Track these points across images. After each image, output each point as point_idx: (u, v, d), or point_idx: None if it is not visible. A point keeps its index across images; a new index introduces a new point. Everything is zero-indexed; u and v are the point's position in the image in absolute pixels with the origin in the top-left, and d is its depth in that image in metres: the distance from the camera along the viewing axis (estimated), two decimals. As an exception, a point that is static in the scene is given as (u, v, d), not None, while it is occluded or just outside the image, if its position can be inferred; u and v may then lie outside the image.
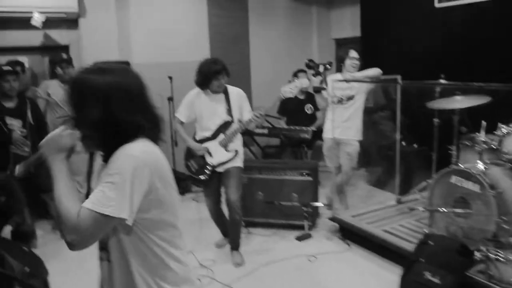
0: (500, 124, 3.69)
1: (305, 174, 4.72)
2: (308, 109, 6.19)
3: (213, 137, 4.09)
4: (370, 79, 4.73)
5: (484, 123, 3.75)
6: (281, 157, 6.10)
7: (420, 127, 5.14)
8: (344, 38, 7.21)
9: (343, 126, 4.82)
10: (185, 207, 5.66)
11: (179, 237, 1.60)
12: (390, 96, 5.46)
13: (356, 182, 6.08)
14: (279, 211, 4.78)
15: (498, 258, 3.14)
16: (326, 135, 5.02)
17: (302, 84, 4.19)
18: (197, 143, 4.12)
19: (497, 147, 3.65)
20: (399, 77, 4.75)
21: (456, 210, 3.60)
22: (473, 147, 3.82)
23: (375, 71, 4.66)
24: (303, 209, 4.61)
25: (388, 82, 4.88)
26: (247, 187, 4.74)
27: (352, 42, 6.83)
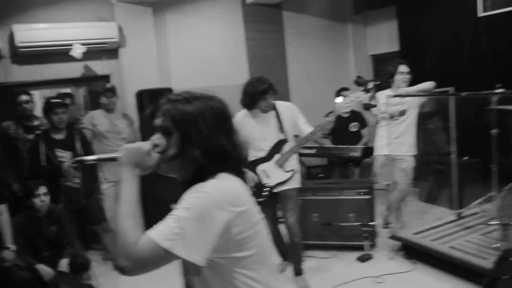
0: None
1: (363, 193, 4.58)
2: (353, 127, 6.08)
3: (268, 158, 3.93)
4: (424, 93, 4.62)
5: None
6: (329, 177, 5.97)
7: (473, 139, 5.01)
8: (381, 54, 7.14)
9: (396, 142, 4.69)
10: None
11: (272, 276, 1.48)
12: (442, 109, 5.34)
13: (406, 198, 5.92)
14: (337, 232, 4.63)
15: None
16: (379, 152, 4.89)
17: (358, 98, 4.03)
18: (250, 172, 3.93)
19: None
20: (452, 89, 4.65)
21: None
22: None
23: (429, 85, 4.54)
24: (363, 229, 4.46)
25: (442, 95, 4.74)
26: (302, 210, 4.59)
27: (389, 57, 6.76)
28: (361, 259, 4.44)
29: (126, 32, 5.84)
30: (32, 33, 5.31)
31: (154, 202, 5.29)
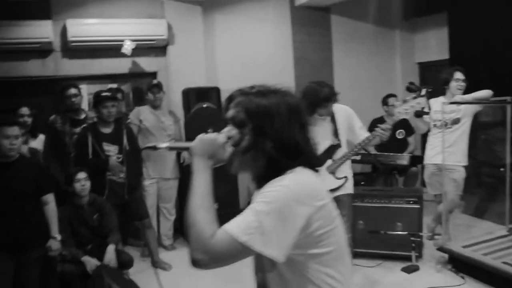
0: None
1: (412, 202, 4.45)
2: (399, 134, 5.94)
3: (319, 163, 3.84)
4: (480, 101, 4.46)
5: None
6: (372, 185, 5.83)
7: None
8: (429, 62, 6.98)
9: (448, 151, 4.52)
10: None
11: (348, 274, 1.42)
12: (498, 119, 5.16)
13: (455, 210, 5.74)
14: (383, 241, 4.49)
15: None
16: (429, 161, 4.75)
17: (419, 104, 3.84)
18: None
19: None
20: (510, 98, 4.47)
21: None
22: None
23: (487, 93, 4.38)
24: (411, 239, 4.32)
25: (501, 103, 4.57)
26: (348, 216, 4.50)
27: (438, 65, 6.60)
28: (407, 270, 4.29)
29: (175, 30, 5.85)
30: (84, 28, 5.38)
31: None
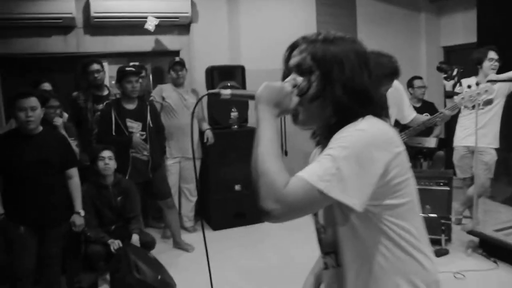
0: None
1: (442, 184, 4.34)
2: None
3: None
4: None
5: None
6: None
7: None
8: (455, 45, 6.83)
9: (480, 133, 4.41)
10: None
11: (423, 229, 1.32)
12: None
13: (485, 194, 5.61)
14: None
15: None
16: (459, 143, 4.64)
17: (487, 92, 3.57)
18: None
19: None
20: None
21: None
22: None
23: None
24: (442, 222, 4.22)
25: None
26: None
27: (463, 49, 6.46)
28: (437, 254, 4.19)
29: (199, 8, 5.76)
30: (107, 4, 5.30)
31: (216, 183, 5.25)
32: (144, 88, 5.32)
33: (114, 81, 4.68)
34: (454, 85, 4.50)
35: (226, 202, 5.27)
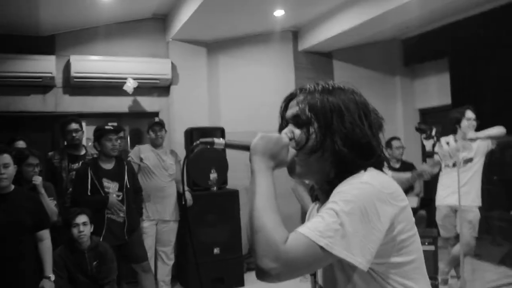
0: None
1: (427, 243, 4.26)
2: (405, 178, 5.83)
3: None
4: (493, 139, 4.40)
5: None
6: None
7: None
8: (429, 108, 7.00)
9: (461, 192, 4.40)
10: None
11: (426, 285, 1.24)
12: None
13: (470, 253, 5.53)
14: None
15: None
16: (441, 202, 4.61)
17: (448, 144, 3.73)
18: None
19: None
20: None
21: None
22: None
23: (500, 129, 4.33)
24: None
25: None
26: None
27: (439, 111, 6.61)
28: (425, 317, 4.03)
29: (179, 70, 5.83)
30: (88, 64, 5.33)
31: (197, 247, 5.05)
32: (122, 149, 5.23)
33: (91, 142, 4.60)
34: (434, 145, 4.55)
35: (204, 266, 5.05)
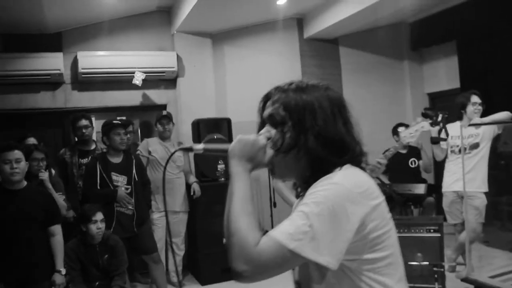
0: None
1: (432, 230, 4.26)
2: (412, 163, 5.81)
3: None
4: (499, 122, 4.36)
5: None
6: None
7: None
8: (439, 92, 6.95)
9: (467, 178, 4.38)
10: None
11: (403, 281, 1.26)
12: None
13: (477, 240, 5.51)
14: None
15: None
16: (448, 189, 4.61)
17: (423, 128, 3.81)
18: None
19: None
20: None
21: None
22: None
23: (505, 115, 4.29)
24: (434, 270, 4.11)
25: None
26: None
27: (448, 95, 6.55)
28: (431, 303, 4.07)
29: (185, 62, 5.86)
30: (95, 60, 5.41)
31: (204, 237, 5.14)
32: (131, 142, 5.32)
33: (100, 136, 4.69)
34: (440, 131, 4.53)
35: (214, 256, 5.14)
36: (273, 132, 1.28)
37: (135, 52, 5.60)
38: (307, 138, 1.22)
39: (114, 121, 4.48)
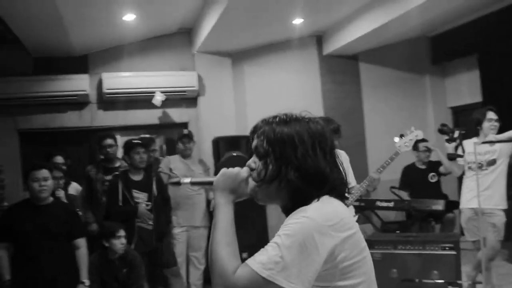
0: None
1: (448, 248, 4.23)
2: (432, 178, 5.78)
3: None
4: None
5: None
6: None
7: None
8: (461, 106, 6.88)
9: (485, 195, 4.32)
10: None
11: None
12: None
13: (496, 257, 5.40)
14: (418, 291, 4.27)
15: None
16: (465, 206, 4.55)
17: (417, 136, 3.89)
18: None
19: None
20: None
21: None
22: None
23: None
24: (449, 288, 4.08)
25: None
26: (380, 264, 4.32)
27: (471, 109, 6.46)
28: (448, 322, 4.04)
29: (206, 81, 6.03)
30: (119, 81, 5.65)
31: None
32: (153, 160, 5.49)
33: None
34: (457, 147, 4.52)
35: (235, 271, 5.21)
36: (258, 163, 1.36)
37: (157, 73, 5.81)
38: (288, 171, 1.30)
39: (134, 141, 4.64)
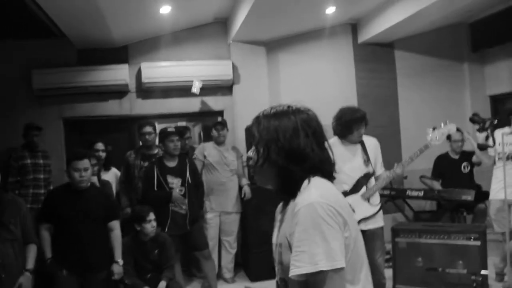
0: None
1: (473, 239, 4.23)
2: (464, 168, 5.71)
3: (354, 191, 3.77)
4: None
5: None
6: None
7: None
8: (502, 94, 6.71)
9: (513, 185, 4.30)
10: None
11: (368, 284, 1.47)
12: None
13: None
14: (442, 280, 4.29)
15: None
16: (494, 196, 4.52)
17: (450, 131, 3.86)
18: None
19: None
20: None
21: None
22: None
23: None
24: (472, 278, 4.10)
25: None
26: (405, 252, 4.39)
27: (511, 98, 6.33)
28: (471, 312, 4.06)
29: (240, 70, 6.16)
30: (157, 70, 5.86)
31: (255, 236, 5.41)
32: (191, 146, 5.72)
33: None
34: (487, 137, 4.48)
35: (265, 254, 5.38)
36: (254, 152, 1.56)
37: (194, 62, 5.99)
38: (271, 152, 1.48)
39: (169, 129, 4.84)
